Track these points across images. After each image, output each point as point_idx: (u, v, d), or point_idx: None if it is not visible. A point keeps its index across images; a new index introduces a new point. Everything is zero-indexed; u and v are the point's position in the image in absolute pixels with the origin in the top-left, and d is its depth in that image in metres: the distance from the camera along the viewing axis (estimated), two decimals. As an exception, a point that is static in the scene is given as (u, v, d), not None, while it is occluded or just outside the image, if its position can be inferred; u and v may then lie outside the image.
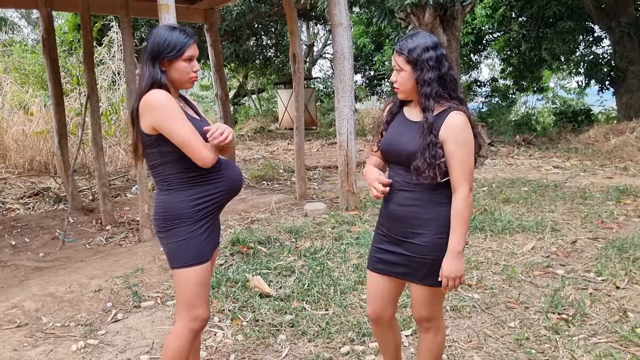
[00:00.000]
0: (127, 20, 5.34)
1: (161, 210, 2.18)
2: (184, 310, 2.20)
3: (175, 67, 2.13)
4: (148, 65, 2.12)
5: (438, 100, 2.04)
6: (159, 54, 2.10)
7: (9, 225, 6.22)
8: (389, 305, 2.29)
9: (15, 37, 20.90)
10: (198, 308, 2.20)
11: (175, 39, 2.11)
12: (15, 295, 3.96)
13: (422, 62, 2.02)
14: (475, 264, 4.21)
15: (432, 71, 2.02)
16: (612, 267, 4.03)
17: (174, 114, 2.05)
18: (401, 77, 2.09)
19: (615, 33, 12.54)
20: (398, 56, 2.08)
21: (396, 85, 2.12)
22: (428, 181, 2.02)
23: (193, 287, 2.17)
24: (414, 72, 2.04)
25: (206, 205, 2.18)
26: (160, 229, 2.19)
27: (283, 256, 4.53)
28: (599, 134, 11.07)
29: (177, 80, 2.16)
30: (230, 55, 15.99)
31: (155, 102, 2.05)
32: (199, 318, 2.21)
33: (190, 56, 2.15)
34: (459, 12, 10.47)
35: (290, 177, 8.78)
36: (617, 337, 3.02)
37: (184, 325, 2.20)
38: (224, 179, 2.23)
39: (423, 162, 2.00)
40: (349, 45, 6.03)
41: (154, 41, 2.12)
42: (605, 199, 6.22)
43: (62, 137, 6.84)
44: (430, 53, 2.03)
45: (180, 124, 2.05)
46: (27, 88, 11.93)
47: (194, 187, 2.15)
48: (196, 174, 2.15)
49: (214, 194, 2.20)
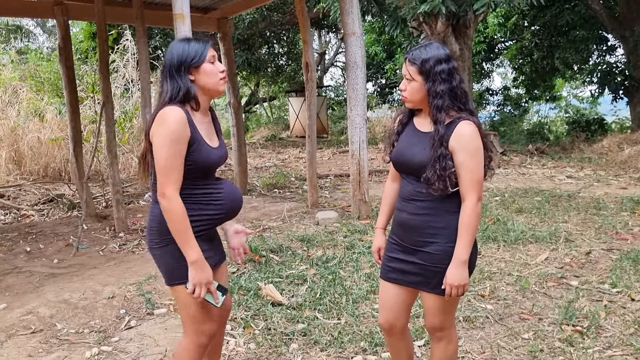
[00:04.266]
0: (142, 29, 5.41)
1: (156, 224, 2.10)
2: (190, 326, 2.18)
3: (203, 72, 2.10)
4: (169, 79, 2.08)
5: (448, 112, 2.05)
6: (183, 64, 2.07)
7: (23, 231, 6.29)
8: (402, 315, 2.28)
9: (31, 45, 21.21)
10: (204, 323, 2.18)
11: (194, 47, 2.10)
12: (30, 301, 4.01)
13: (435, 75, 2.03)
14: (488, 275, 4.18)
15: (444, 84, 2.03)
16: (627, 279, 3.99)
17: (171, 139, 1.98)
18: (411, 87, 2.10)
19: (629, 42, 12.46)
20: (410, 66, 2.09)
21: (405, 94, 2.13)
22: (438, 193, 2.03)
23: (196, 303, 2.13)
24: (425, 83, 2.05)
25: (203, 225, 2.11)
26: (155, 244, 2.12)
27: (295, 265, 4.54)
28: (613, 143, 10.98)
29: (209, 84, 2.11)
30: (243, 64, 16.08)
31: (164, 119, 2.00)
32: (205, 332, 2.20)
33: (212, 57, 2.13)
34: (471, 21, 10.46)
35: (301, 185, 8.79)
36: (633, 350, 2.99)
37: (191, 340, 2.19)
38: (225, 201, 2.17)
39: (433, 174, 2.01)
40: (362, 54, 6.05)
41: (173, 55, 2.09)
42: (619, 210, 6.17)
43: (77, 145, 6.93)
44: (442, 66, 2.04)
45: (169, 153, 1.98)
46: (42, 95, 12.09)
47: (194, 204, 2.09)
48: (200, 192, 2.10)
49: (213, 214, 2.14)
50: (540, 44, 14.44)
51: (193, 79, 2.10)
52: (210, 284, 2.07)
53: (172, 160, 1.99)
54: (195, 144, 2.05)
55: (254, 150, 14.70)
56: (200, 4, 7.71)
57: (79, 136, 6.99)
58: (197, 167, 2.07)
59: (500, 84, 21.11)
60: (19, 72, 13.18)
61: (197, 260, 2.02)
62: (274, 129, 20.01)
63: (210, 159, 2.11)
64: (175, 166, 2.00)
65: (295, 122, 18.65)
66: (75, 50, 13.05)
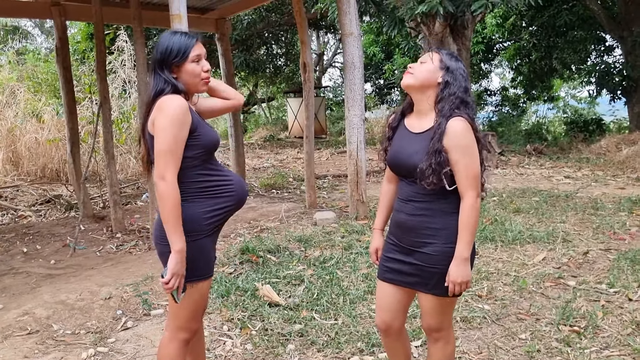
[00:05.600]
0: (139, 30, 5.39)
1: None
2: (178, 323, 2.17)
3: (184, 71, 2.10)
4: (156, 75, 2.09)
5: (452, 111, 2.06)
6: (165, 61, 2.08)
7: (20, 232, 6.27)
8: (399, 315, 2.28)
9: (29, 46, 21.18)
10: (194, 322, 2.20)
11: (178, 43, 2.08)
12: (27, 302, 3.99)
13: (456, 76, 2.08)
14: (485, 275, 4.18)
15: (461, 90, 2.07)
16: (625, 279, 3.99)
17: (174, 124, 1.98)
18: (424, 66, 2.11)
19: (627, 42, 12.48)
20: (435, 53, 2.13)
21: (412, 70, 2.13)
22: (431, 187, 2.03)
23: (196, 302, 2.15)
24: (445, 74, 2.08)
25: (218, 218, 2.13)
26: (162, 242, 2.07)
27: (292, 265, 4.53)
28: (611, 144, 10.98)
29: (190, 83, 2.12)
30: (241, 64, 16.08)
31: (166, 105, 2.00)
32: (191, 329, 2.20)
33: (197, 56, 2.11)
34: (469, 22, 10.46)
35: (299, 185, 8.79)
36: (630, 350, 2.99)
37: (174, 336, 2.18)
38: (235, 192, 2.18)
39: (428, 167, 2.01)
40: (360, 55, 6.05)
41: (158, 50, 2.10)
42: (617, 210, 6.17)
43: (74, 145, 6.91)
44: (465, 75, 2.11)
45: (171, 137, 1.98)
46: (40, 96, 12.07)
47: (208, 199, 2.10)
48: (211, 185, 2.11)
49: (225, 207, 2.15)
50: (539, 44, 14.45)
51: (175, 77, 2.10)
52: (183, 277, 2.03)
53: (175, 144, 1.99)
54: (199, 127, 2.08)
55: (252, 151, 14.70)
56: (198, 5, 7.70)
57: (76, 137, 6.98)
58: (205, 150, 2.10)
59: (499, 84, 21.13)
60: (16, 73, 13.16)
61: (181, 249, 1.99)
62: (272, 130, 20.03)
63: (214, 139, 2.14)
64: (176, 151, 2.00)
65: (293, 123, 18.66)
66: (73, 51, 13.04)
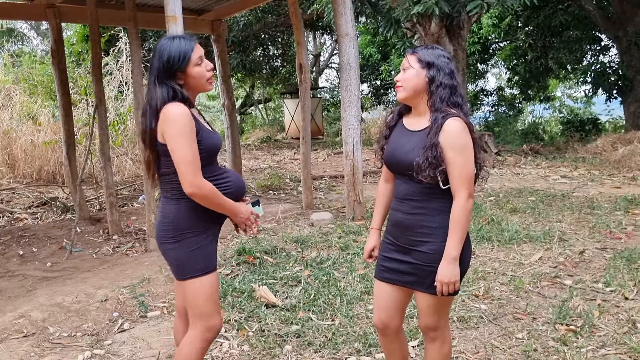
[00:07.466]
0: (135, 31, 5.38)
1: (171, 220, 2.16)
2: (199, 321, 2.20)
3: (190, 75, 2.14)
4: (159, 83, 2.10)
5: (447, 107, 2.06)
6: (169, 70, 2.10)
7: (16, 235, 6.25)
8: (396, 315, 2.28)
9: (25, 48, 21.11)
10: (212, 318, 2.21)
11: (178, 49, 2.11)
12: (23, 305, 3.98)
13: (439, 66, 2.07)
14: (482, 274, 4.18)
15: (447, 77, 2.06)
16: (621, 278, 4.00)
17: (184, 132, 2.04)
18: (407, 74, 2.11)
19: (622, 42, 12.51)
20: (410, 55, 2.13)
21: (399, 83, 2.14)
22: (427, 180, 2.03)
23: (206, 296, 2.18)
24: (428, 71, 2.07)
25: (216, 214, 2.20)
26: (168, 240, 2.17)
27: (289, 266, 4.53)
28: (607, 143, 11.01)
29: (196, 85, 2.18)
30: (237, 66, 16.07)
31: (172, 115, 2.05)
32: (213, 328, 2.22)
33: (199, 57, 2.15)
34: (465, 22, 10.49)
35: (296, 186, 8.78)
36: (626, 349, 2.99)
37: (197, 335, 2.21)
38: (233, 188, 2.25)
39: (424, 160, 2.01)
40: (355, 55, 6.05)
41: (159, 59, 2.11)
42: (613, 209, 6.18)
43: (70, 147, 6.89)
44: (446, 60, 2.09)
45: (186, 144, 2.04)
46: (36, 98, 12.03)
47: None
48: (211, 181, 2.14)
49: None
50: (534, 44, 14.49)
51: (182, 82, 2.13)
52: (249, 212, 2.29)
53: (191, 152, 2.06)
54: (201, 132, 2.12)
55: (249, 152, 14.69)
56: (194, 6, 7.69)
57: (72, 139, 6.96)
58: (207, 154, 2.14)
59: (495, 84, 21.16)
60: (12, 75, 13.12)
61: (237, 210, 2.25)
62: (269, 131, 20.01)
63: (215, 143, 2.20)
64: (194, 156, 2.08)
65: (290, 124, 18.65)
66: (69, 53, 13.01)
